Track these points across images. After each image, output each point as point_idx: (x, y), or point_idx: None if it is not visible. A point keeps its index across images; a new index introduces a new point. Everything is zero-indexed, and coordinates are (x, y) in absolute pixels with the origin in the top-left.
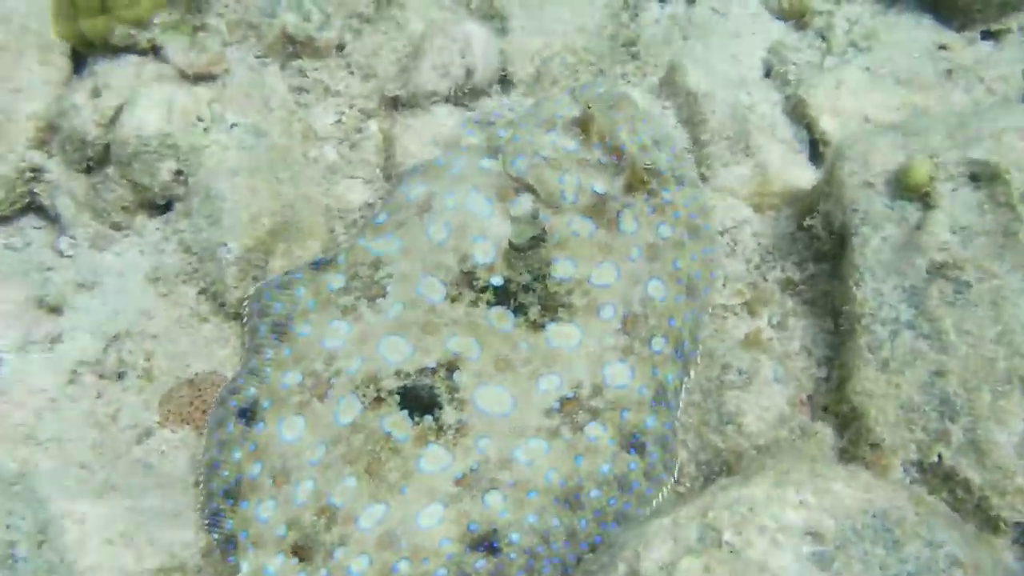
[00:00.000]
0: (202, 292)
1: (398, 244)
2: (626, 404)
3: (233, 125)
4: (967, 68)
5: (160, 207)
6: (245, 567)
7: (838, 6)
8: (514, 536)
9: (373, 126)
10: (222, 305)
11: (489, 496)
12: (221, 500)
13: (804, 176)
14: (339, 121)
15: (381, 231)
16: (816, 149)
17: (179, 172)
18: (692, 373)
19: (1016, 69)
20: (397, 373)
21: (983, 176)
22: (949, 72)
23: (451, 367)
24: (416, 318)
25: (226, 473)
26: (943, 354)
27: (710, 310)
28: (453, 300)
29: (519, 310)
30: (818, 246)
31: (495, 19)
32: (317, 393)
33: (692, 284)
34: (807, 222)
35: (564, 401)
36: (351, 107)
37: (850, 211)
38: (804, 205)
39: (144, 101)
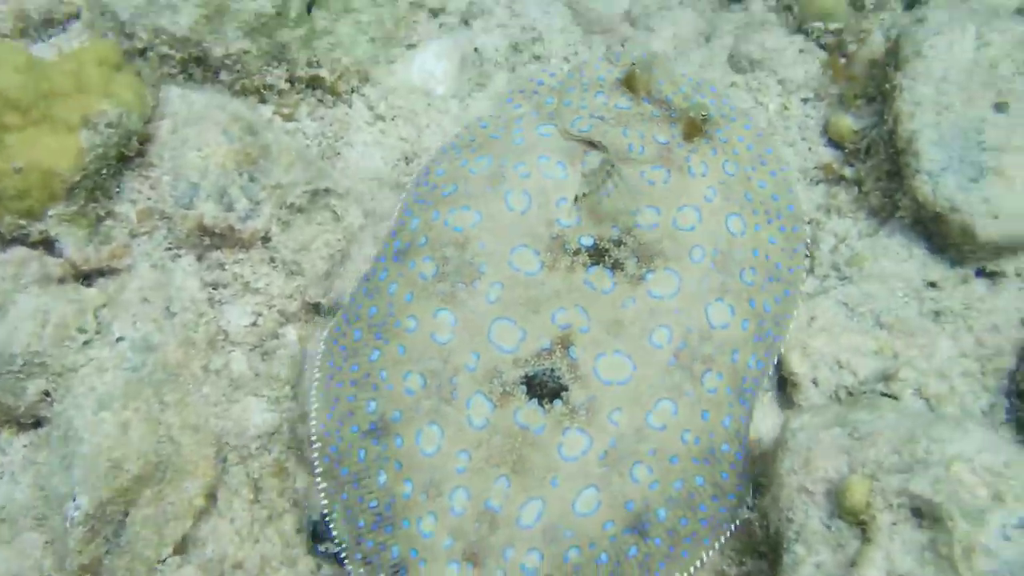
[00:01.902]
0: (49, 543)
1: (477, 218)
2: (733, 344)
3: (119, 339)
4: (956, 313)
5: (30, 424)
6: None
7: (828, 217)
8: (661, 512)
9: (292, 333)
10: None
11: (636, 470)
12: (376, 534)
13: (765, 423)
14: (255, 324)
15: (453, 203)
16: (785, 387)
17: (47, 393)
18: (789, 291)
19: (1010, 319)
20: (515, 361)
21: (926, 515)
22: (936, 314)
23: (565, 343)
24: (518, 296)
25: (374, 503)
26: None
27: (798, 224)
28: (550, 268)
29: (616, 267)
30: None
31: None
32: (443, 396)
33: (769, 208)
34: (743, 514)
35: (678, 353)
36: (270, 308)
37: (785, 520)
38: (752, 468)
39: (15, 311)
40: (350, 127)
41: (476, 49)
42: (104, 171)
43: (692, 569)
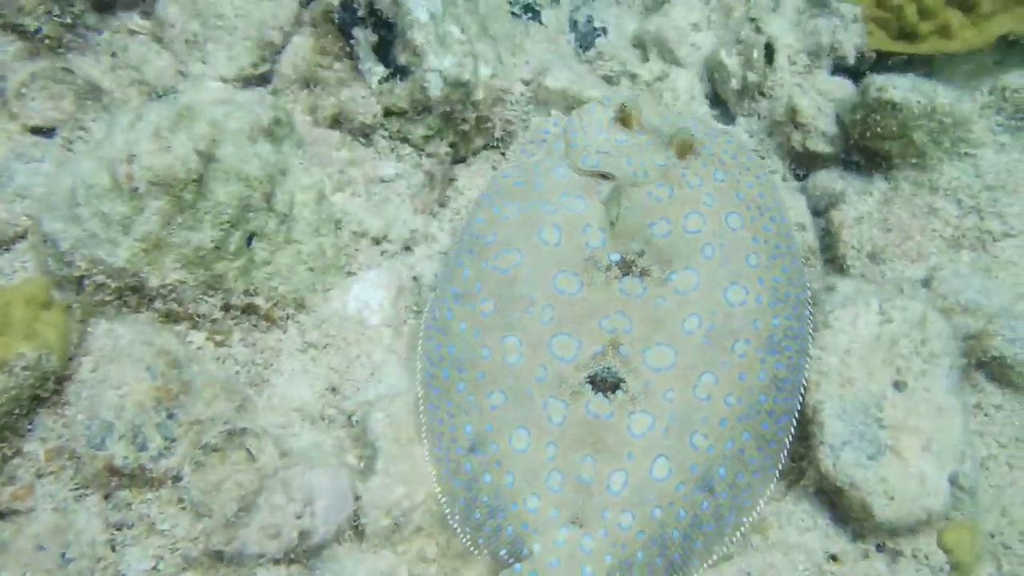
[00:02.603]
0: None
1: (519, 257)
2: (753, 315)
3: None
4: None
5: None
6: (537, 547)
7: None
8: (721, 471)
9: None
10: None
11: (694, 438)
12: (491, 521)
13: None
14: (155, 568)
15: (497, 249)
16: None
17: None
18: (795, 261)
19: None
20: (576, 367)
21: None
22: None
23: (615, 344)
24: (567, 313)
25: (485, 498)
26: None
27: (784, 215)
28: (588, 286)
29: (643, 274)
30: None
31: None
32: (523, 405)
33: (758, 204)
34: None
35: (709, 334)
36: (172, 551)
37: None
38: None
39: None
40: (281, 353)
41: (415, 278)
42: (16, 411)
43: (754, 513)
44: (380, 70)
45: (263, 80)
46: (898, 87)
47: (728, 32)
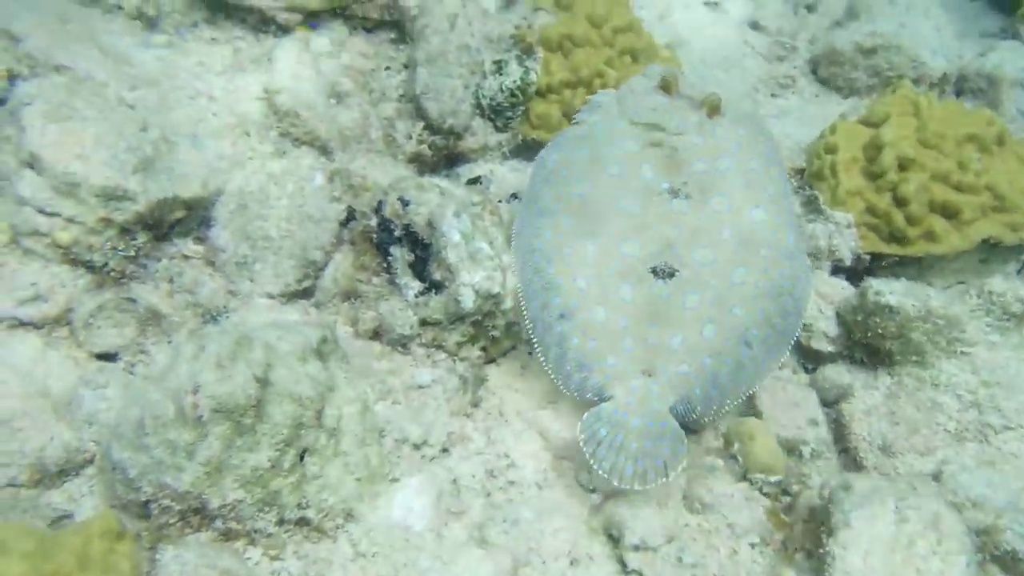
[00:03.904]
0: None
1: (590, 185)
2: (773, 227)
3: None
4: None
5: None
6: (618, 391)
7: None
8: (754, 332)
9: None
10: None
11: (735, 309)
12: (579, 373)
13: None
14: None
15: (571, 180)
16: None
17: None
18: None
19: None
20: (641, 261)
21: None
22: None
23: (669, 246)
24: (631, 224)
25: (572, 354)
26: None
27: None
28: (646, 206)
29: (688, 197)
30: None
31: None
32: (601, 287)
33: (769, 158)
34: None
35: (740, 241)
36: None
37: None
38: None
39: None
40: (332, 565)
41: (454, 480)
42: None
43: (779, 363)
44: (416, 285)
45: (306, 294)
46: (894, 292)
47: None
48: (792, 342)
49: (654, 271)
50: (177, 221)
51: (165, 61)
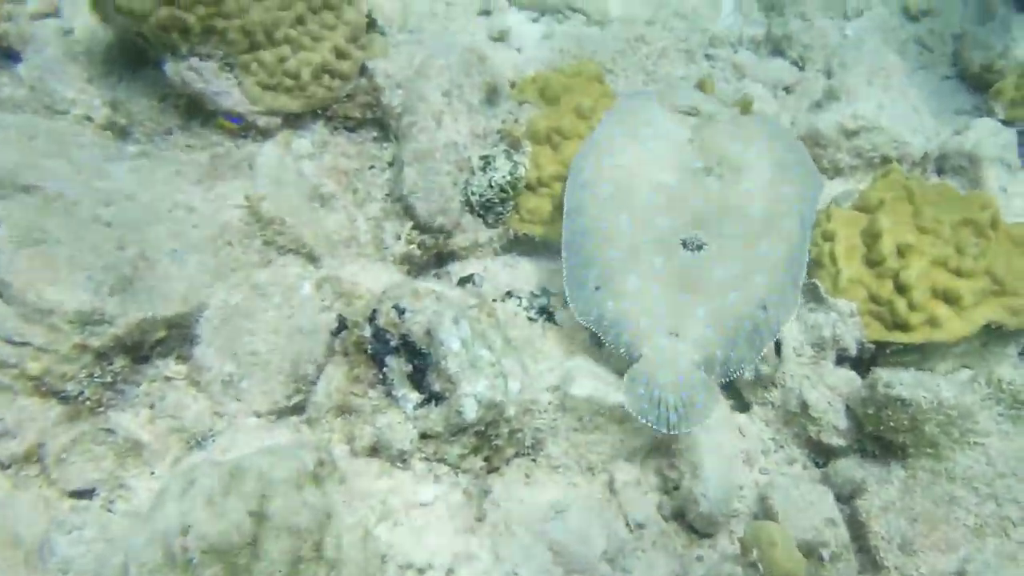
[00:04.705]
0: None
1: (630, 155)
2: (794, 201)
3: None
4: None
5: None
6: (646, 349)
7: None
8: (771, 298)
9: None
10: None
11: (756, 276)
12: (613, 330)
13: None
14: None
15: (614, 152)
16: None
17: None
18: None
19: None
20: (672, 233)
21: None
22: None
23: (700, 220)
24: (665, 199)
25: (610, 315)
26: None
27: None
28: (680, 181)
29: (719, 176)
30: None
31: None
32: (634, 257)
33: (795, 147)
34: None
35: (765, 216)
36: None
37: None
38: None
39: None
40: None
41: None
42: None
43: (788, 323)
44: (415, 396)
45: (298, 411)
46: (904, 383)
47: None
48: (797, 306)
49: (684, 243)
50: (158, 341)
51: (140, 173)
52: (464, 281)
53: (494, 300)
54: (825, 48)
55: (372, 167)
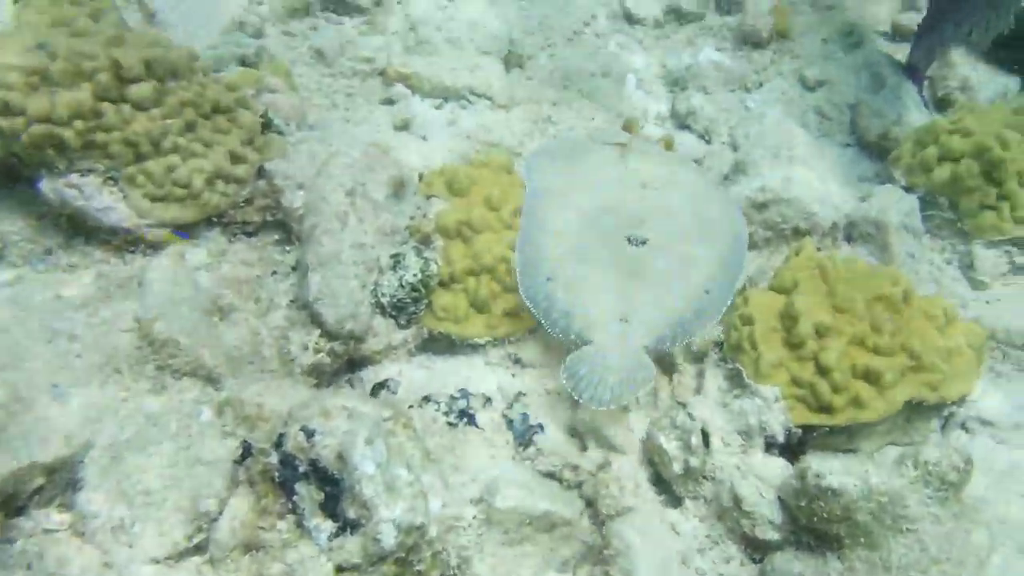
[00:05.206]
0: None
1: (574, 169)
2: (723, 215)
3: None
4: None
5: None
6: (597, 335)
7: None
8: (709, 285)
9: None
10: None
11: (696, 266)
12: (563, 319)
13: None
14: None
15: (563, 162)
16: None
17: None
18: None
19: None
20: (617, 230)
21: None
22: None
23: (641, 220)
24: (608, 202)
25: (561, 306)
26: None
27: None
28: (621, 191)
29: (656, 189)
30: None
31: None
32: (582, 250)
33: (712, 182)
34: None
35: (698, 222)
36: None
37: None
38: None
39: None
40: None
41: None
42: None
43: (728, 304)
44: (328, 526)
45: (199, 550)
46: (834, 472)
47: (659, 412)
48: (732, 299)
49: (628, 239)
50: (36, 491)
51: (16, 301)
52: (378, 388)
53: (411, 406)
54: (729, 121)
55: (275, 272)
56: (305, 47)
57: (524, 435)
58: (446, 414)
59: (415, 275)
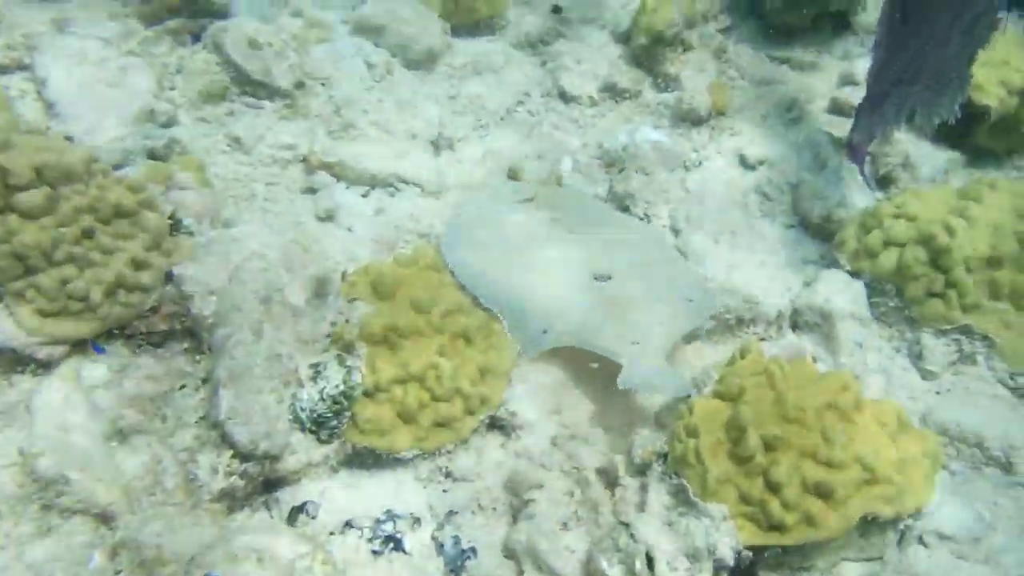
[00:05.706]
0: None
1: (503, 234)
2: (669, 255)
3: None
4: None
5: None
6: (621, 360)
7: None
8: (690, 291)
9: None
10: None
11: (664, 284)
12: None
13: None
14: None
15: (479, 240)
16: None
17: None
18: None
19: None
20: (579, 273)
21: None
22: None
23: (596, 259)
24: (562, 253)
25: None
26: None
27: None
28: (565, 239)
29: (586, 230)
30: None
31: None
32: (559, 300)
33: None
34: None
35: (650, 258)
36: None
37: None
38: None
39: None
40: None
41: None
42: None
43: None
44: None
45: None
46: None
47: (599, 530)
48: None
49: (595, 277)
50: None
51: None
52: (296, 512)
53: (332, 533)
54: (668, 203)
55: (183, 386)
56: (221, 134)
57: (455, 560)
58: (370, 540)
59: (337, 386)
